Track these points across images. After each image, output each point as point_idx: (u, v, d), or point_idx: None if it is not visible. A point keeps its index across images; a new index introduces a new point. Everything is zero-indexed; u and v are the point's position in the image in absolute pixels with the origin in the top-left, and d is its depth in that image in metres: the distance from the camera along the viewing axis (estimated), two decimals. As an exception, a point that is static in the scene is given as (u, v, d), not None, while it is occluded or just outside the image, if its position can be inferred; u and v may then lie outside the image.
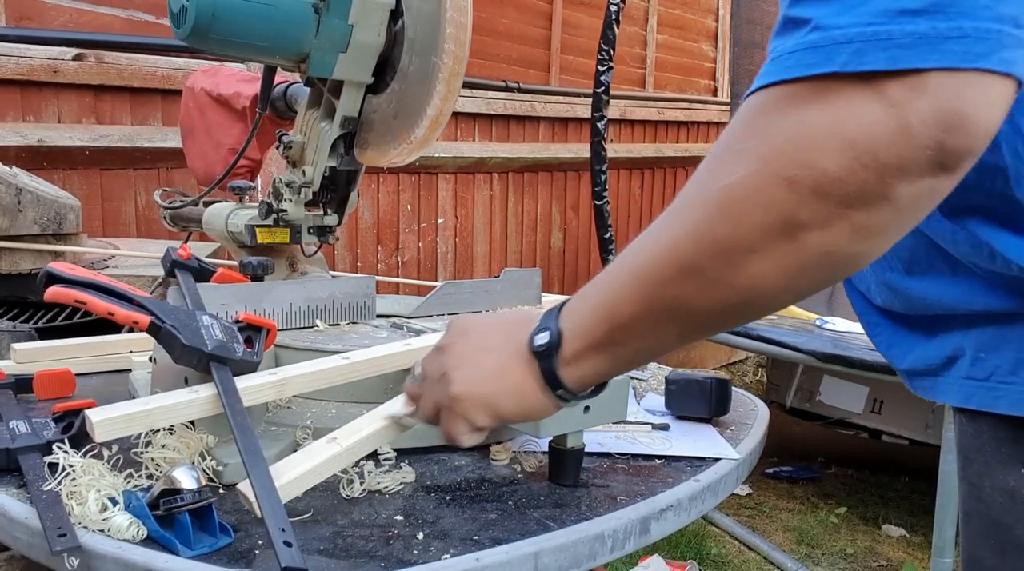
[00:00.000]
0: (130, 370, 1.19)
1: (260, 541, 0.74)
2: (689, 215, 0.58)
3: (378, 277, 1.78)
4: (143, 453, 0.84)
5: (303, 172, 1.23)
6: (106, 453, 0.83)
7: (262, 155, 1.56)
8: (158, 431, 0.85)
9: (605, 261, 3.73)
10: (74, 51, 2.34)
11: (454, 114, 1.35)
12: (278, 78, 1.34)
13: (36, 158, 2.23)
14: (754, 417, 1.19)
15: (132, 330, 0.95)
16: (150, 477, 0.82)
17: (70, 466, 0.79)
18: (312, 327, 1.12)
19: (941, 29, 0.48)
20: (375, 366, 0.96)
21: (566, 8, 4.16)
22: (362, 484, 0.86)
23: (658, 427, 1.11)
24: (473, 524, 0.80)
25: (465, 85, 1.16)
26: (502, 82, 3.74)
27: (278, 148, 1.26)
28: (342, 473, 0.85)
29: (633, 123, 4.61)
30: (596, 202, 3.73)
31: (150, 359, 1.04)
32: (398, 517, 0.81)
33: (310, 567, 0.68)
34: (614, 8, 3.54)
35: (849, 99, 0.50)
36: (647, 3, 4.76)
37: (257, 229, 1.25)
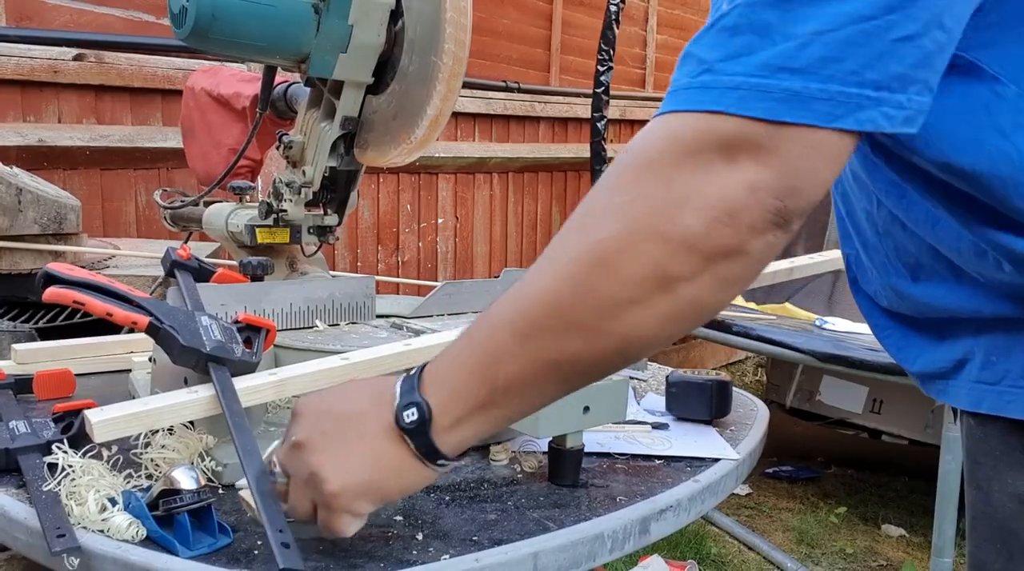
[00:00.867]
0: (130, 370, 1.20)
1: (259, 541, 0.74)
2: (570, 269, 0.61)
3: (378, 277, 1.78)
4: (142, 453, 0.85)
5: (303, 172, 1.23)
6: (105, 453, 0.84)
7: (262, 155, 1.56)
8: (157, 431, 0.85)
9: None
10: (74, 51, 2.33)
11: (454, 114, 1.35)
12: (278, 78, 1.34)
13: (36, 158, 2.23)
14: (754, 417, 1.19)
15: (132, 331, 0.95)
16: (149, 477, 0.82)
17: (69, 466, 0.79)
18: (312, 327, 1.12)
19: (812, 90, 0.56)
20: (375, 366, 0.96)
21: (566, 8, 4.16)
22: (362, 484, 0.86)
23: (657, 427, 1.11)
24: (472, 524, 0.80)
25: (465, 85, 1.16)
26: (502, 82, 3.74)
27: (278, 148, 1.26)
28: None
29: (633, 123, 4.60)
30: (596, 202, 3.72)
31: (150, 359, 1.04)
32: (397, 517, 0.81)
33: (309, 568, 0.68)
34: (614, 8, 3.54)
35: (710, 167, 0.58)
36: (647, 3, 4.76)
37: (257, 229, 1.25)
